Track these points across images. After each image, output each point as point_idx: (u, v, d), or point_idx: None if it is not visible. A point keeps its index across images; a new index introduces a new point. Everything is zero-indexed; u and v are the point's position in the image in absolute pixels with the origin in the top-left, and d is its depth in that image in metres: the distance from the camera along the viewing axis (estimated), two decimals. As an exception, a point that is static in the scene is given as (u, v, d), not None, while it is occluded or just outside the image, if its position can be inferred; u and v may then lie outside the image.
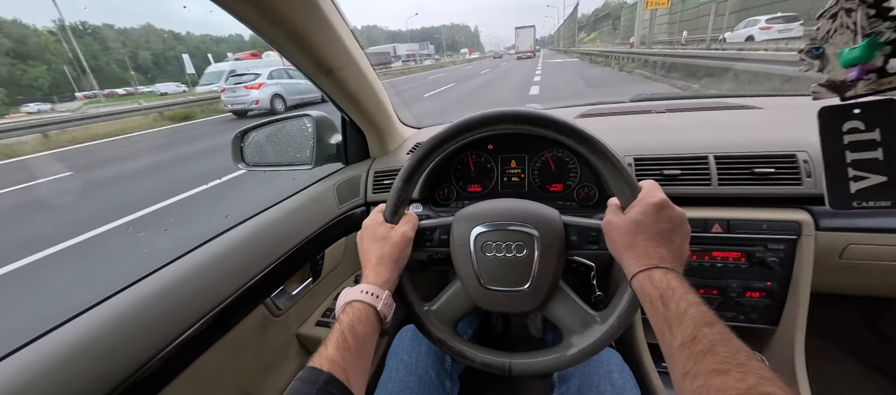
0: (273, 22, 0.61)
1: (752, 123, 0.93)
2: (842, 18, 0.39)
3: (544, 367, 0.56)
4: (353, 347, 0.44)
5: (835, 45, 0.40)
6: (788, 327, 0.76)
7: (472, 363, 0.58)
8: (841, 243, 0.72)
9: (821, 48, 0.42)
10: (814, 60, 0.43)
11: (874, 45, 0.36)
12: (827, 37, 0.41)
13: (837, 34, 0.40)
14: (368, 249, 0.56)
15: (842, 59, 0.39)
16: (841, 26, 0.39)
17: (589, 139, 0.50)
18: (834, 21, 0.40)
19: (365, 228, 0.59)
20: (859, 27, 0.37)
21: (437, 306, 0.62)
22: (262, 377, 0.79)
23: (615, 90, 9.40)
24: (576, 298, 0.57)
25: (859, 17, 0.37)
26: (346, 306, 0.49)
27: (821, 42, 0.42)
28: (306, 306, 0.96)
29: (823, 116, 0.44)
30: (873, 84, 0.39)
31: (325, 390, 0.39)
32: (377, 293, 0.50)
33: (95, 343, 0.49)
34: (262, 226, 0.78)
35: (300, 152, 1.03)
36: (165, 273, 0.62)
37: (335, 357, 0.42)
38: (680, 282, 0.40)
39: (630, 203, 0.49)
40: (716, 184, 0.75)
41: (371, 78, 0.89)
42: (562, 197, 0.91)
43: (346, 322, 0.47)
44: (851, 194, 0.44)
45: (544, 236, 0.54)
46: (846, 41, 0.39)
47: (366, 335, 0.47)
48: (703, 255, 0.77)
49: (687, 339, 0.35)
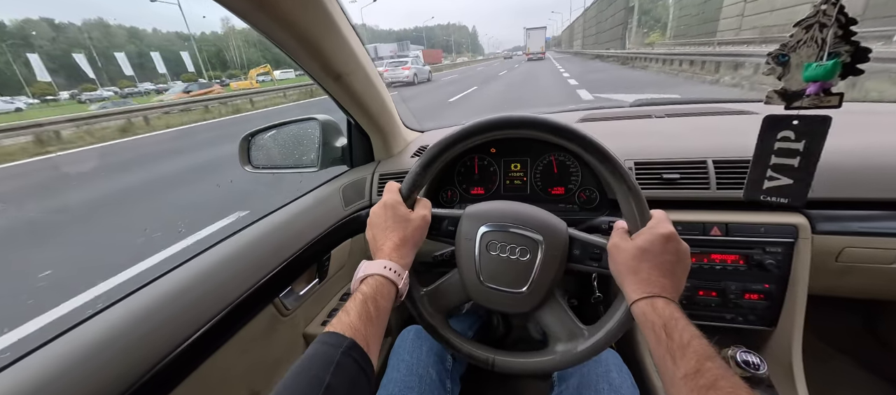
0: (285, 28, 0.62)
1: (749, 127, 0.94)
2: (814, 32, 0.41)
3: (525, 367, 0.58)
4: (375, 318, 0.45)
5: (800, 56, 0.43)
6: (786, 329, 0.78)
7: (458, 353, 0.60)
8: (837, 247, 0.73)
9: (787, 56, 0.45)
10: (778, 66, 0.46)
11: (837, 66, 0.39)
12: (796, 46, 0.44)
13: (805, 46, 0.43)
14: (390, 227, 0.55)
15: (807, 74, 0.42)
16: (811, 39, 0.42)
17: (610, 159, 0.51)
18: (807, 32, 0.42)
19: (385, 206, 0.57)
20: (826, 44, 0.40)
21: (432, 292, 0.63)
22: (270, 375, 0.81)
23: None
24: (567, 309, 0.58)
25: (829, 34, 0.40)
26: (368, 278, 0.49)
27: (789, 50, 0.44)
28: (313, 307, 0.98)
29: (766, 122, 0.51)
30: (815, 99, 0.43)
31: (349, 354, 0.40)
32: (399, 272, 0.51)
33: (112, 342, 0.51)
34: (271, 227, 0.80)
35: (306, 155, 1.05)
36: (179, 273, 0.63)
37: (357, 325, 0.43)
38: (681, 313, 0.42)
39: (638, 230, 0.50)
40: (714, 188, 0.77)
41: (377, 83, 0.91)
42: (563, 200, 0.93)
43: (368, 293, 0.46)
44: (763, 190, 0.54)
45: (548, 245, 0.56)
46: (810, 54, 0.42)
47: (386, 310, 0.48)
48: (702, 257, 0.78)
49: (690, 371, 0.36)
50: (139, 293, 0.59)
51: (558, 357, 0.56)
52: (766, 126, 0.51)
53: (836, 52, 0.39)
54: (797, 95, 0.44)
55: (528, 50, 50.23)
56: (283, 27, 0.62)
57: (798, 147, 0.49)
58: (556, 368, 0.56)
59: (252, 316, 0.71)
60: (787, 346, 0.77)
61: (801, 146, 0.49)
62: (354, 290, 0.49)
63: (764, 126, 0.52)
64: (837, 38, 0.39)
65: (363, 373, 0.40)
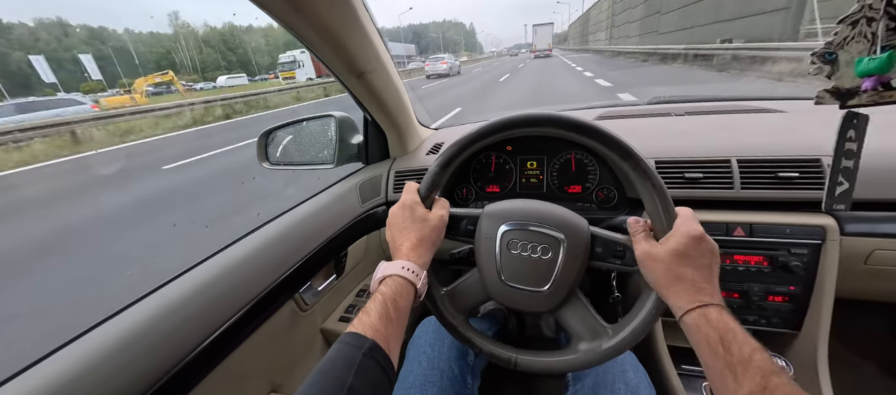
0: (316, 28, 0.63)
1: (775, 126, 0.92)
2: (862, 26, 0.40)
3: (548, 367, 0.58)
4: (395, 319, 0.45)
5: (849, 52, 0.41)
6: (811, 333, 0.76)
7: (480, 352, 0.60)
8: (866, 249, 0.71)
9: (834, 53, 0.43)
10: (825, 65, 0.44)
11: (893, 57, 0.37)
12: (843, 43, 0.42)
13: (854, 42, 0.41)
14: (408, 227, 0.55)
15: (860, 68, 0.40)
16: (859, 34, 0.40)
17: (633, 156, 0.50)
18: (853, 28, 0.40)
19: (403, 207, 0.57)
20: (878, 37, 0.38)
21: (453, 291, 0.63)
22: (289, 370, 0.82)
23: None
24: (590, 308, 0.58)
25: (880, 27, 0.38)
26: (387, 278, 0.49)
27: (836, 48, 0.42)
28: (331, 302, 0.99)
29: (844, 120, 0.46)
30: (874, 95, 0.40)
31: (371, 355, 0.40)
32: (418, 272, 0.51)
33: (138, 339, 0.52)
34: (291, 223, 0.81)
35: (322, 152, 1.06)
36: (202, 270, 0.64)
37: (378, 326, 0.43)
38: (736, 322, 0.40)
39: (666, 231, 0.48)
40: (738, 187, 0.75)
41: (396, 80, 0.91)
42: (581, 199, 0.92)
43: (388, 294, 0.46)
44: (835, 197, 0.50)
45: (570, 243, 0.55)
46: (861, 50, 0.40)
47: (405, 311, 0.48)
48: (724, 258, 0.77)
49: (756, 389, 0.34)
50: (163, 290, 0.60)
51: (581, 356, 0.55)
52: (842, 124, 0.47)
53: (890, 44, 0.37)
54: (851, 92, 0.42)
55: (535, 47, 51.53)
56: (314, 28, 0.63)
57: (853, 148, 0.46)
58: (579, 367, 0.56)
59: (273, 311, 0.72)
60: (813, 350, 0.76)
61: (856, 147, 0.46)
62: (374, 291, 0.49)
63: (844, 125, 0.47)
64: (889, 31, 0.37)
65: (385, 374, 0.41)
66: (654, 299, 0.51)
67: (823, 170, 0.71)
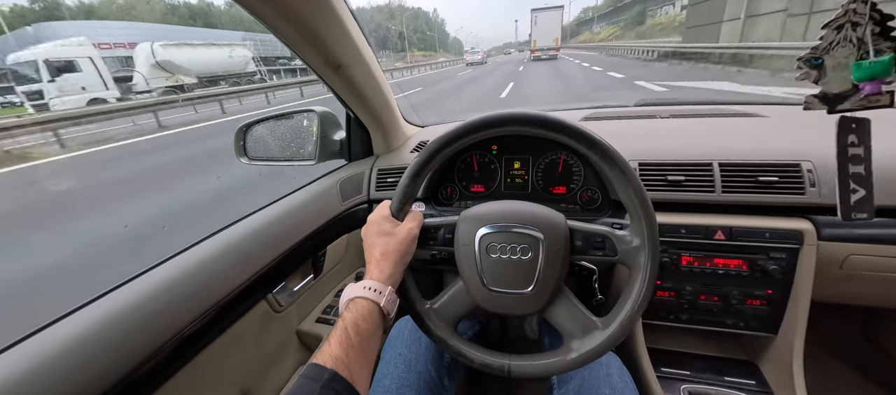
0: (287, 18, 0.61)
1: (757, 130, 0.93)
2: (847, 31, 0.40)
3: (543, 370, 0.56)
4: (357, 344, 0.44)
5: (835, 57, 0.41)
6: (788, 336, 0.77)
7: (472, 363, 0.58)
8: (842, 253, 0.72)
9: (820, 59, 0.43)
10: (812, 70, 0.44)
11: (888, 61, 0.37)
12: (829, 48, 0.42)
13: (840, 47, 0.41)
14: (374, 243, 0.55)
15: (859, 72, 0.39)
16: (845, 39, 0.40)
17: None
18: (838, 33, 0.40)
19: (371, 222, 0.58)
20: (863, 42, 0.38)
21: (438, 305, 0.62)
22: (261, 373, 0.79)
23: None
24: (578, 303, 0.57)
25: (865, 32, 0.38)
26: (350, 302, 0.49)
27: (821, 53, 0.42)
28: (307, 303, 0.96)
29: (840, 125, 0.46)
30: (863, 101, 0.40)
31: (329, 387, 0.39)
32: (380, 289, 0.50)
33: (93, 340, 0.49)
34: (266, 221, 0.78)
35: (303, 148, 1.03)
36: (166, 269, 0.61)
37: (339, 354, 0.42)
38: None
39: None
40: (719, 191, 0.76)
41: (378, 76, 0.89)
42: (565, 200, 0.91)
43: (349, 319, 0.46)
44: (851, 206, 0.47)
45: (549, 240, 0.54)
46: (847, 55, 0.40)
47: (369, 332, 0.47)
48: (704, 261, 0.77)
49: None
50: (125, 288, 0.57)
51: (575, 356, 0.54)
52: (839, 130, 0.46)
53: (878, 48, 0.38)
54: (840, 97, 0.42)
55: (535, 44, 31.41)
56: (285, 17, 0.60)
57: (860, 152, 0.45)
58: (573, 367, 0.54)
59: (244, 313, 0.69)
60: (788, 353, 0.77)
61: (862, 151, 0.45)
62: (340, 315, 0.48)
63: (841, 130, 0.47)
64: (876, 36, 0.37)
65: None
66: (639, 287, 0.51)
67: (802, 174, 0.72)
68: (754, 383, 0.81)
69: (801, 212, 0.74)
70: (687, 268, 0.79)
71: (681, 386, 0.82)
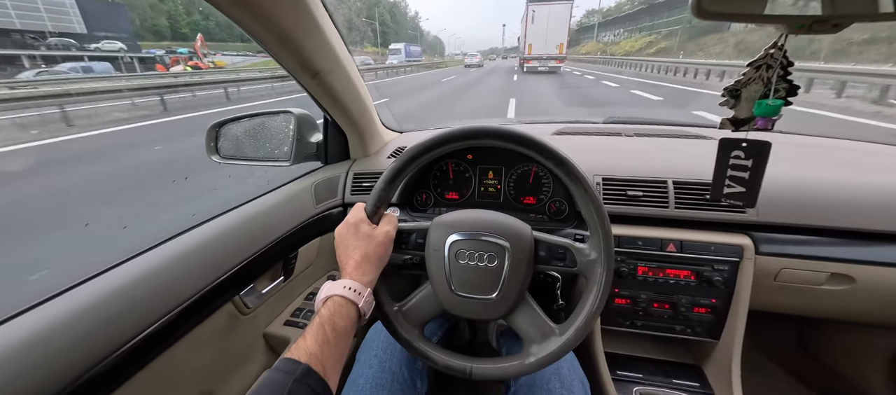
0: (265, 25, 0.61)
1: (705, 151, 1.01)
2: (762, 72, 0.49)
3: (503, 373, 0.59)
4: (332, 341, 0.45)
5: (749, 90, 0.51)
6: (728, 341, 0.84)
7: (435, 365, 0.60)
8: (776, 267, 0.80)
9: (739, 91, 0.53)
10: (732, 99, 0.54)
11: (780, 105, 0.47)
12: (747, 83, 0.51)
13: (753, 83, 0.50)
14: (352, 246, 0.56)
15: (759, 110, 0.49)
16: (759, 78, 0.49)
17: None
18: (757, 72, 0.49)
19: (347, 225, 0.58)
20: (771, 82, 0.48)
21: (406, 307, 0.63)
22: (224, 376, 0.78)
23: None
24: (538, 310, 0.60)
25: (773, 74, 0.47)
26: (328, 300, 0.49)
27: (742, 86, 0.52)
28: (276, 306, 0.95)
29: (722, 144, 0.61)
30: (756, 129, 0.53)
31: (303, 381, 0.39)
32: (360, 290, 0.51)
33: (49, 339, 0.47)
34: (235, 222, 0.77)
35: (278, 149, 1.02)
36: (131, 266, 0.60)
37: (313, 350, 0.43)
38: None
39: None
40: (673, 207, 0.82)
41: (357, 82, 0.90)
42: (534, 210, 0.95)
43: (326, 316, 0.47)
44: (724, 194, 0.64)
45: (515, 249, 0.57)
46: (758, 90, 0.50)
47: (345, 331, 0.48)
48: (657, 271, 0.83)
49: None
50: (84, 286, 0.55)
51: (533, 360, 0.57)
52: (722, 146, 0.61)
53: (777, 88, 0.47)
54: (743, 121, 0.53)
55: (530, 49, 22.06)
56: (263, 24, 0.61)
57: (747, 164, 0.59)
58: (531, 370, 0.57)
59: (208, 315, 0.68)
60: (728, 357, 0.83)
61: (750, 163, 0.59)
62: (317, 312, 0.49)
63: (720, 146, 0.61)
64: (779, 78, 0.44)
65: None
66: (593, 297, 0.55)
67: None
68: (698, 385, 0.88)
69: (743, 228, 0.81)
70: (642, 277, 0.84)
71: (633, 388, 0.87)
